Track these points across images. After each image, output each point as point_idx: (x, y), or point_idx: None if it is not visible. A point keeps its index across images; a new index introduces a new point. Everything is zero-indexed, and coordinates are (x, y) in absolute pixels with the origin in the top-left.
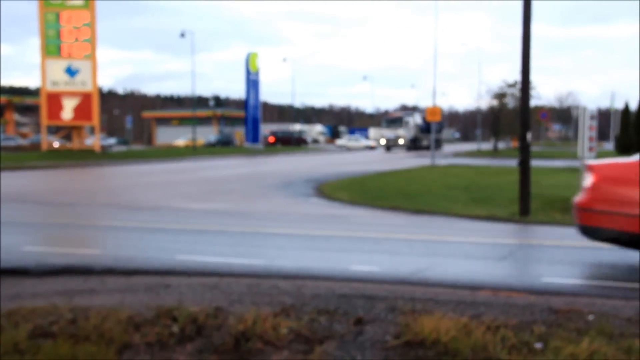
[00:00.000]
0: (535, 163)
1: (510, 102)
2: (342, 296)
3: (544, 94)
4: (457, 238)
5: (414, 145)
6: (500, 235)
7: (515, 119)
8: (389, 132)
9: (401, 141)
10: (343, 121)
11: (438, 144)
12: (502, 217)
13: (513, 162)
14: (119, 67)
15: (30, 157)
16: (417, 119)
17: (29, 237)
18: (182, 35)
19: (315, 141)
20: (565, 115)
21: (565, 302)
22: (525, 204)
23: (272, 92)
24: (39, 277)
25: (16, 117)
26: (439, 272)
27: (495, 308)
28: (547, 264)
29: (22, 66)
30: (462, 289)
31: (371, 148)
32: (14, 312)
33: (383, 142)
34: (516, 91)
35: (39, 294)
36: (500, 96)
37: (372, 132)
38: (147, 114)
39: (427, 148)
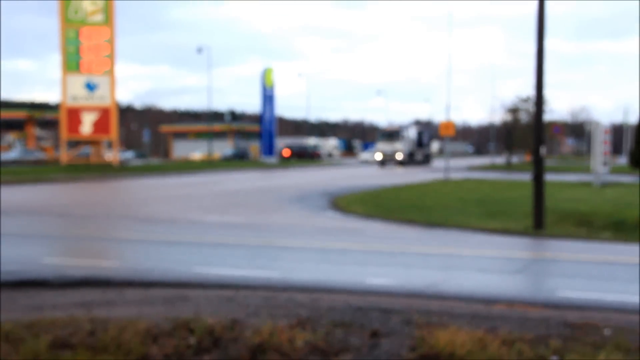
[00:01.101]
0: (548, 177)
1: (524, 117)
2: (358, 309)
3: (557, 108)
4: (472, 251)
5: (410, 159)
6: (514, 248)
7: (528, 134)
8: (386, 146)
9: (399, 155)
10: (357, 135)
11: (426, 159)
12: (516, 230)
13: (527, 176)
14: (137, 82)
15: (50, 170)
16: (412, 132)
17: (49, 248)
18: (199, 50)
19: (330, 155)
20: (578, 130)
21: (581, 316)
22: (540, 217)
23: (287, 107)
24: (58, 289)
25: (37, 131)
26: (454, 286)
27: (511, 322)
28: (562, 277)
29: (44, 81)
30: (477, 303)
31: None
32: (34, 323)
33: (378, 156)
34: (530, 106)
35: (59, 305)
36: (514, 111)
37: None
38: (164, 128)
39: (422, 163)
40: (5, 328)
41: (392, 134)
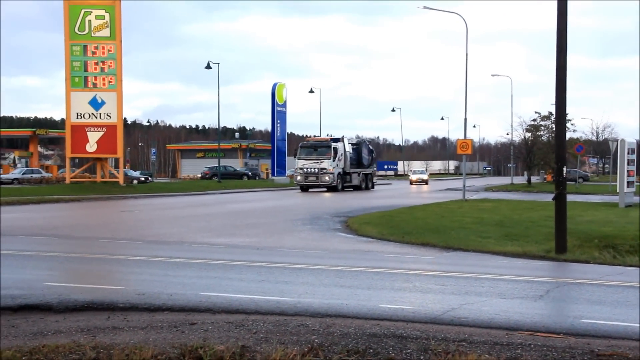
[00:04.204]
0: (571, 198)
1: (544, 135)
2: (372, 335)
3: (580, 126)
4: (491, 275)
5: (343, 182)
6: (535, 273)
7: (549, 152)
8: (308, 164)
9: (327, 178)
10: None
11: (367, 181)
12: (537, 254)
13: (548, 197)
14: (147, 99)
15: (54, 190)
16: (347, 146)
17: (52, 272)
18: (208, 66)
19: None
20: (602, 149)
21: (608, 345)
22: (562, 240)
23: (300, 124)
24: (62, 314)
25: (41, 149)
26: (473, 311)
27: (533, 350)
28: (587, 304)
29: (51, 98)
30: (497, 330)
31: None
32: (36, 350)
33: (298, 177)
34: (550, 123)
35: (62, 330)
36: (534, 128)
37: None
38: (172, 146)
39: (360, 187)
40: (6, 355)
41: (317, 147)
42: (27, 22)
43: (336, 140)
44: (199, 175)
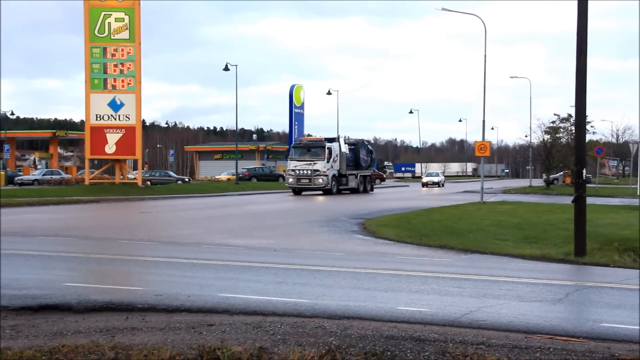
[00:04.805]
0: (590, 200)
1: (564, 137)
2: (390, 338)
3: (600, 128)
4: (509, 278)
5: (339, 184)
6: (554, 276)
7: (568, 155)
8: (301, 165)
9: (320, 180)
10: (388, 156)
11: (366, 184)
12: (556, 257)
13: (567, 199)
14: (166, 101)
15: (73, 191)
16: (343, 147)
17: (72, 272)
18: (226, 68)
19: None
20: (622, 151)
21: (629, 349)
22: (581, 243)
23: (317, 126)
24: (81, 314)
25: (61, 150)
26: (491, 314)
27: (553, 354)
28: (607, 307)
29: (71, 100)
30: (515, 333)
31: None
32: (56, 350)
33: (290, 180)
34: (570, 125)
35: (81, 331)
36: (553, 130)
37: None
38: (190, 147)
39: (358, 190)
40: (26, 354)
41: (310, 148)
42: (48, 24)
43: (331, 140)
44: (229, 177)
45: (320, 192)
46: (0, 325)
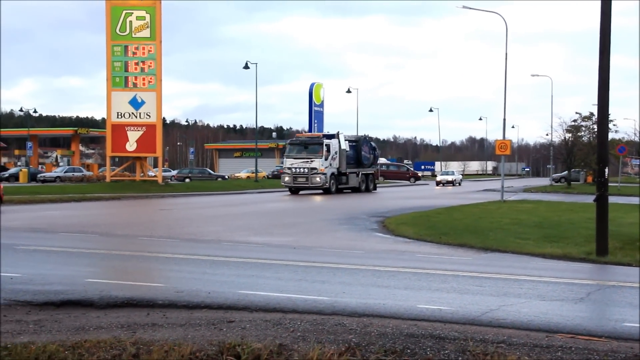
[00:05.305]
0: (612, 199)
1: (585, 136)
2: (410, 336)
3: (622, 127)
4: (530, 277)
5: (336, 183)
6: (576, 275)
7: (590, 153)
8: (298, 163)
9: (318, 179)
10: (408, 154)
11: (368, 183)
12: (577, 256)
13: (588, 198)
14: (186, 99)
15: (94, 188)
16: (343, 143)
17: (93, 268)
18: (246, 66)
19: None
20: None
21: None
22: (603, 242)
23: (337, 124)
24: (102, 309)
25: (82, 148)
26: (512, 313)
27: (574, 353)
28: (630, 307)
29: (93, 98)
30: (536, 332)
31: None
32: (78, 345)
33: (287, 178)
34: (592, 124)
35: (103, 326)
36: (575, 129)
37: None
38: (210, 145)
39: (359, 190)
40: (50, 349)
41: (308, 145)
42: (73, 23)
43: (330, 136)
44: (248, 174)
45: (320, 191)
46: (0, 323)
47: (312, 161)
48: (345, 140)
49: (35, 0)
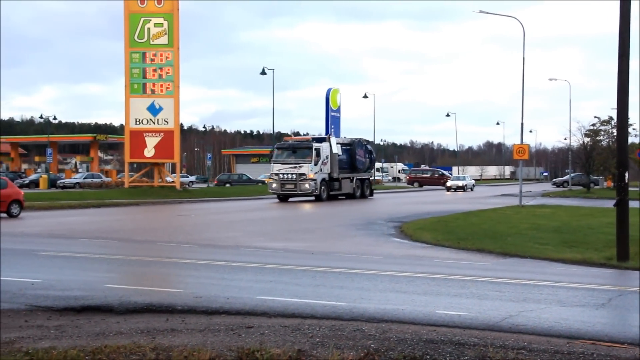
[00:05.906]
0: (633, 204)
1: (604, 140)
2: (429, 342)
3: None
4: (550, 283)
5: (327, 189)
6: (596, 280)
7: (609, 158)
8: (286, 168)
9: (307, 186)
10: (425, 159)
11: (364, 188)
12: (597, 261)
13: (607, 203)
14: (204, 105)
15: (113, 194)
16: (334, 147)
17: (113, 274)
18: (263, 72)
19: (397, 179)
20: None
21: None
22: (624, 247)
23: (354, 130)
24: (122, 315)
25: (101, 154)
26: (532, 319)
27: None
28: None
29: (112, 105)
30: (557, 338)
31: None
32: (98, 350)
33: (273, 185)
34: (611, 128)
35: (123, 332)
36: (593, 133)
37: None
38: (227, 151)
39: (353, 196)
40: (70, 354)
41: (296, 149)
42: (93, 31)
43: (320, 140)
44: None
45: (312, 197)
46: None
47: (300, 166)
48: (338, 143)
49: (55, 7)
